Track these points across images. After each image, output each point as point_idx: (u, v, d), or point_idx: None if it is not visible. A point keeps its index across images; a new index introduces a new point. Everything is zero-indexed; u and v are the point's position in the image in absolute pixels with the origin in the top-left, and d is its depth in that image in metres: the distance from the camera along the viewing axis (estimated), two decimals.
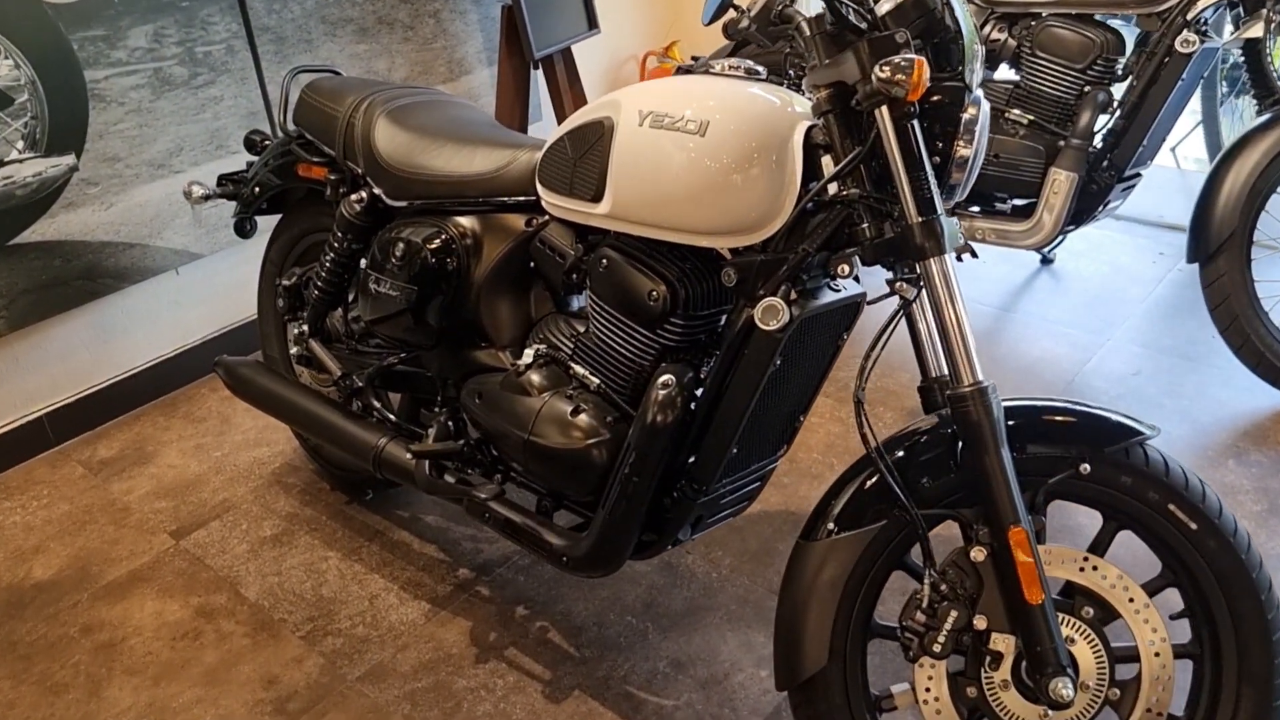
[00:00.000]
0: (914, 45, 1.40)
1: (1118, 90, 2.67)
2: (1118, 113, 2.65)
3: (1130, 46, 2.66)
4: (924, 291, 1.44)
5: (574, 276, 1.79)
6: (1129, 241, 3.54)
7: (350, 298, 2.26)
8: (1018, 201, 2.78)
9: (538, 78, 3.51)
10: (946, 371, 1.47)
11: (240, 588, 2.26)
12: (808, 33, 1.46)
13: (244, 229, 2.46)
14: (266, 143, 2.39)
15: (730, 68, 1.63)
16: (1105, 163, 2.65)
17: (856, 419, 1.47)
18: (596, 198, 1.65)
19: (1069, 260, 3.44)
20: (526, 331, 1.92)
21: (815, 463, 2.53)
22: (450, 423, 2.00)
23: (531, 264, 1.89)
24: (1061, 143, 2.65)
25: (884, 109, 1.39)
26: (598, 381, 1.75)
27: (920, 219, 1.39)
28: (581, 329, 1.81)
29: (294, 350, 2.28)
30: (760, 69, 1.65)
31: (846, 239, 1.49)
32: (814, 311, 1.55)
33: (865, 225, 1.45)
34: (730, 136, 1.51)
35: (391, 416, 2.12)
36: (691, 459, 1.68)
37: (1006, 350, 2.96)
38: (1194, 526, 1.44)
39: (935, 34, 1.45)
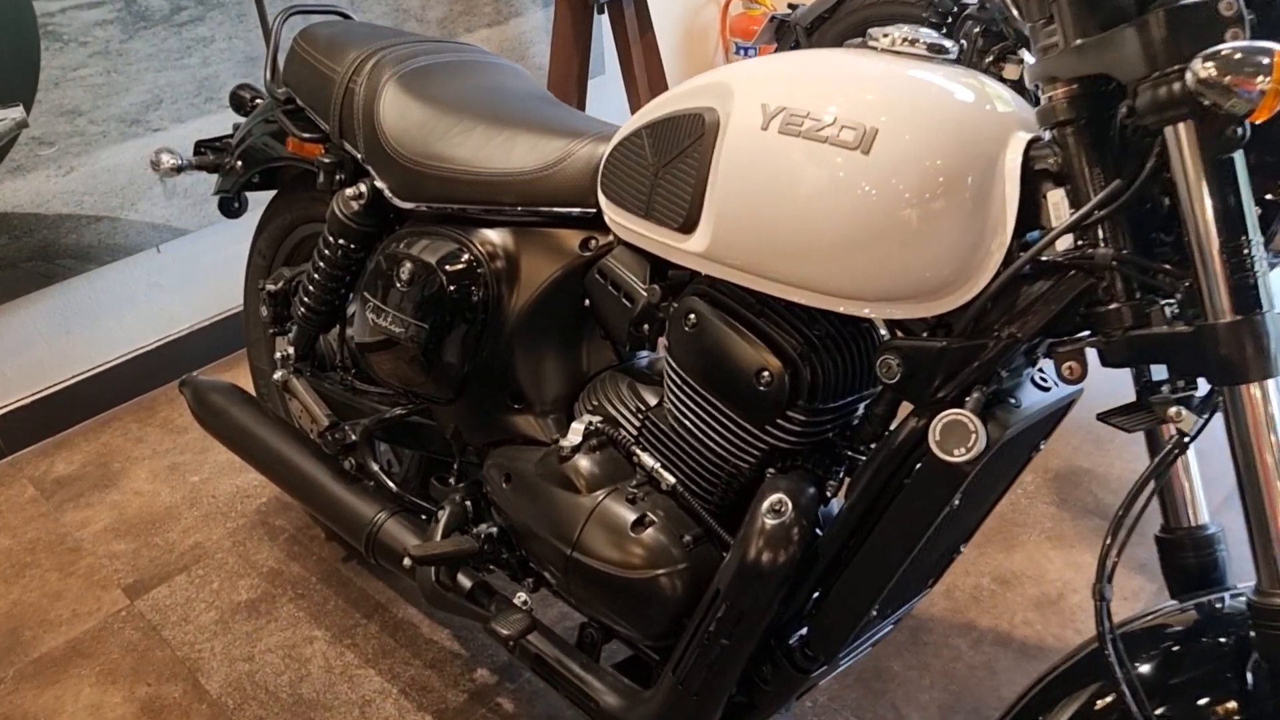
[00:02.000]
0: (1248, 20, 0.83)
1: None
2: None
3: None
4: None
5: (646, 328, 1.26)
6: None
7: (350, 313, 1.74)
8: None
9: (602, 23, 2.92)
10: (1206, 523, 0.93)
11: (201, 675, 1.78)
12: None
13: (230, 208, 1.96)
14: (258, 101, 1.86)
15: (904, 40, 1.05)
16: None
17: (1096, 619, 0.93)
18: (687, 227, 1.11)
19: None
20: (576, 392, 1.39)
21: None
22: (468, 503, 1.49)
23: (587, 301, 1.34)
24: None
25: (1186, 127, 0.83)
26: (673, 481, 1.24)
27: (1234, 315, 0.84)
28: (654, 400, 1.28)
29: (277, 376, 1.78)
30: (948, 44, 1.08)
31: (1078, 320, 0.94)
32: (1020, 427, 1.01)
33: (1118, 306, 0.90)
34: (908, 153, 0.95)
35: (392, 485, 1.61)
36: (810, 600, 1.16)
37: None
38: None
39: None
